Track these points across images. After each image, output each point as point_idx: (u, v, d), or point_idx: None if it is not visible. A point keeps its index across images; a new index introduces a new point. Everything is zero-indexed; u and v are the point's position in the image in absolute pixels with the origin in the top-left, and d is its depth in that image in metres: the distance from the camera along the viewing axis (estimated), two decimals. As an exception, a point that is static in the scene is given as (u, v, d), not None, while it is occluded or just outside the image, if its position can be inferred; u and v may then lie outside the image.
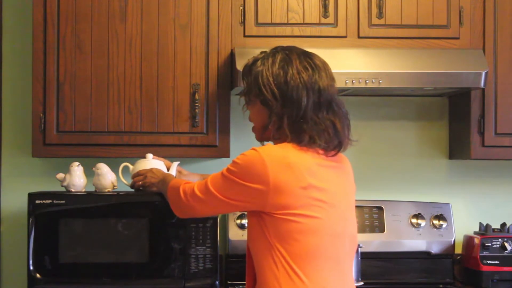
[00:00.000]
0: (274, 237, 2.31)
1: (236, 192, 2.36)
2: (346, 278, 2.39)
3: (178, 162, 3.14)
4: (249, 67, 2.47)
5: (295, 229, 2.30)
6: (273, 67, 2.40)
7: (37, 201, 3.05)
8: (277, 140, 2.42)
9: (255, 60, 2.46)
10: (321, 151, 2.38)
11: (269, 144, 2.40)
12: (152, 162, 3.09)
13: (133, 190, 3.14)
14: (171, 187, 2.61)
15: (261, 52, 2.48)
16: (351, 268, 2.44)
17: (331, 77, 2.43)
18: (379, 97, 3.71)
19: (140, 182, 3.02)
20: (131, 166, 3.13)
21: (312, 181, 2.32)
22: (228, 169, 2.38)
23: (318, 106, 2.38)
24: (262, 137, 2.48)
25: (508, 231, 3.51)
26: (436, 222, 3.56)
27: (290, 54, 2.42)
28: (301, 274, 2.29)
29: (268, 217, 2.32)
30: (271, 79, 2.39)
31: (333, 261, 2.34)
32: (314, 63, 2.41)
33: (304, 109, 2.36)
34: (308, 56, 2.43)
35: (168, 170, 3.10)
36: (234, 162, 2.37)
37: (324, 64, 2.44)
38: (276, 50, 2.45)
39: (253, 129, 2.52)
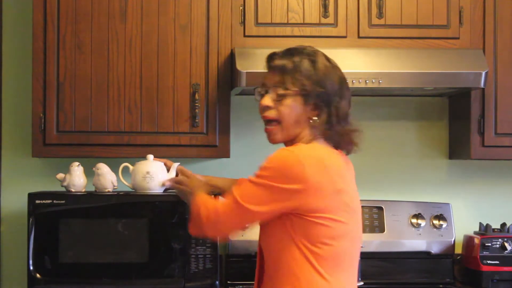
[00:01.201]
0: (300, 238, 2.27)
1: (270, 197, 2.27)
2: (356, 279, 2.42)
3: (178, 164, 3.14)
4: (288, 56, 2.39)
5: (324, 233, 2.27)
6: (311, 58, 2.36)
7: (37, 201, 3.05)
8: (300, 139, 2.38)
9: (288, 53, 2.39)
10: (342, 153, 2.39)
11: (301, 144, 2.34)
12: (152, 163, 3.09)
13: (133, 190, 3.14)
14: (195, 204, 2.44)
15: (292, 49, 2.40)
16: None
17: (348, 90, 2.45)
18: (379, 97, 3.71)
19: (176, 185, 2.82)
20: (131, 166, 3.13)
21: (342, 185, 2.30)
22: (257, 176, 2.29)
23: (343, 114, 2.37)
24: (286, 135, 2.39)
25: (508, 231, 3.51)
26: (436, 222, 3.56)
27: (316, 52, 2.39)
28: (325, 274, 2.27)
29: (297, 218, 2.27)
30: (309, 69, 2.35)
31: (351, 263, 2.36)
32: (333, 62, 2.42)
33: (336, 103, 2.35)
34: (327, 57, 2.42)
35: (168, 171, 3.09)
36: (264, 167, 2.29)
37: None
38: (314, 50, 2.40)
39: (276, 127, 2.40)
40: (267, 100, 2.38)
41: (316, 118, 2.35)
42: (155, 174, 3.07)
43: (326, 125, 2.36)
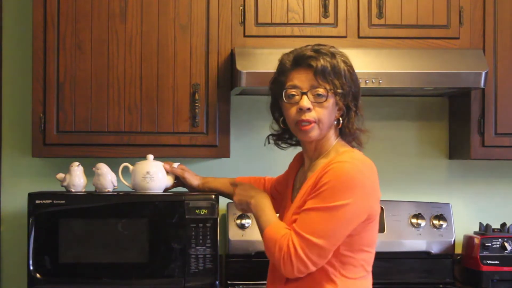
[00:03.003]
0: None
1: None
2: None
3: (179, 163, 3.14)
4: (335, 64, 2.39)
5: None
6: (347, 61, 2.41)
7: (37, 201, 3.05)
8: (327, 138, 2.42)
9: (338, 55, 2.40)
10: None
11: (356, 152, 2.39)
12: (152, 163, 3.10)
13: (133, 190, 3.14)
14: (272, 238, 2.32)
15: (322, 49, 2.39)
16: None
17: None
18: (379, 97, 3.71)
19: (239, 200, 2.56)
20: (131, 166, 3.13)
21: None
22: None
23: (361, 114, 2.44)
24: (321, 134, 2.39)
25: (508, 231, 3.51)
26: (436, 222, 3.56)
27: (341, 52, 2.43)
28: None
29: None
30: (348, 74, 2.39)
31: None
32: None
33: (357, 114, 2.41)
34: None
35: (168, 172, 3.09)
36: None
37: None
38: (340, 50, 2.43)
39: (314, 125, 2.38)
40: (308, 102, 2.35)
41: (340, 118, 2.40)
42: (155, 174, 3.07)
43: (347, 125, 2.40)
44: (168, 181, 3.10)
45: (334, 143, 2.42)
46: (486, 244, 3.45)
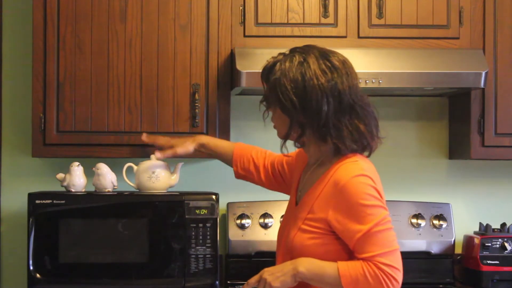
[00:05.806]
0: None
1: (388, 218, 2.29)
2: None
3: (182, 163, 3.15)
4: (267, 73, 2.37)
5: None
6: (290, 73, 2.29)
7: (37, 201, 3.06)
8: (301, 146, 2.41)
9: (273, 65, 2.35)
10: None
11: (360, 161, 2.34)
12: (157, 163, 3.11)
13: (137, 190, 3.14)
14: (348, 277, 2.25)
15: (279, 54, 2.37)
16: None
17: (351, 77, 2.33)
18: (379, 97, 3.70)
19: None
20: (135, 166, 3.14)
21: None
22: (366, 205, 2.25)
23: (340, 111, 2.29)
24: (284, 139, 2.39)
25: (508, 231, 3.51)
26: (436, 222, 3.56)
27: (307, 57, 2.30)
28: None
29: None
30: (288, 87, 2.29)
31: None
32: (332, 64, 2.30)
33: (325, 117, 2.28)
34: (326, 57, 2.32)
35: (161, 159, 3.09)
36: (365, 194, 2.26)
37: (344, 63, 2.34)
38: (293, 54, 2.33)
39: (277, 133, 2.42)
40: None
41: (296, 131, 2.35)
42: (160, 174, 3.10)
43: (313, 135, 2.34)
44: (172, 180, 3.12)
45: (326, 151, 2.36)
46: (486, 244, 3.45)
